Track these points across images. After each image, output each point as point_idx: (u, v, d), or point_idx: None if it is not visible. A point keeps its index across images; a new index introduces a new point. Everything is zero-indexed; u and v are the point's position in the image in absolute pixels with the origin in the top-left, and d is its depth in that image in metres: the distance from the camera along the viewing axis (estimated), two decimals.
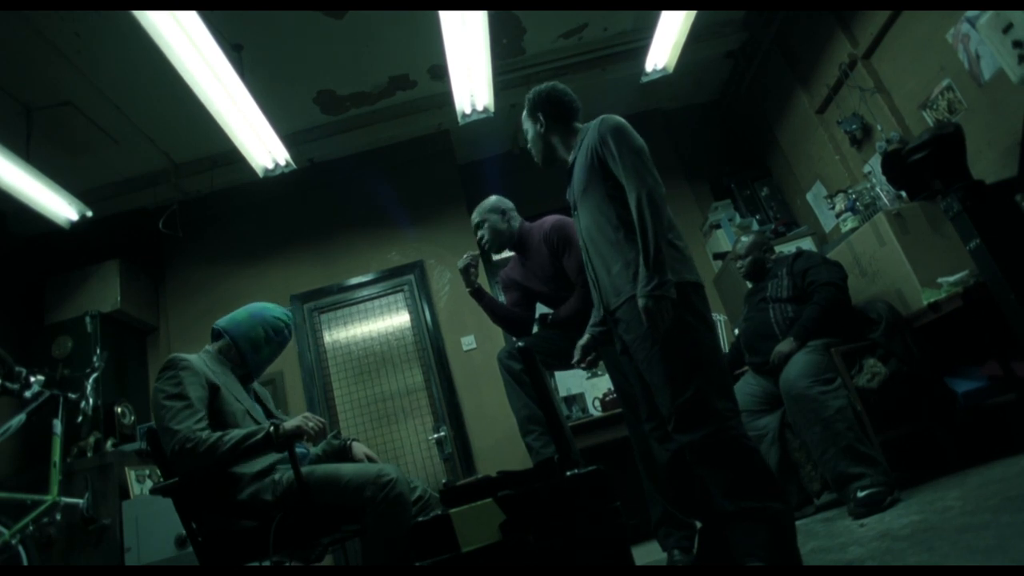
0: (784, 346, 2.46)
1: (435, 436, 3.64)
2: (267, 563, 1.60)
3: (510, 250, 2.59)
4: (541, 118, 1.88)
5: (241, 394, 1.83)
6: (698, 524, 2.10)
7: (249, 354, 1.90)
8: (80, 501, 2.86)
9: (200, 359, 1.80)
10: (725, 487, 1.49)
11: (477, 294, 2.47)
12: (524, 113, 1.94)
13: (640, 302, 1.51)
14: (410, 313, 3.98)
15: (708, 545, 1.72)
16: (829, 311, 2.47)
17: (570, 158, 1.83)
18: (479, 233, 2.52)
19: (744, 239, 2.93)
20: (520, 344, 1.90)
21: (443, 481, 3.47)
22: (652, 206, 1.54)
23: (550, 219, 2.46)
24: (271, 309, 1.97)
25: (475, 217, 2.53)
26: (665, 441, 1.75)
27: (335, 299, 3.99)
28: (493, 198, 2.55)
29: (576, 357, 1.91)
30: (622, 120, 1.69)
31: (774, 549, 1.42)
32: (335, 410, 3.75)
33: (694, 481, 1.68)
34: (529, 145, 1.97)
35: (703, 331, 1.59)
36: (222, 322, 1.93)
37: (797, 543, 1.46)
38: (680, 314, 1.53)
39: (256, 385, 2.00)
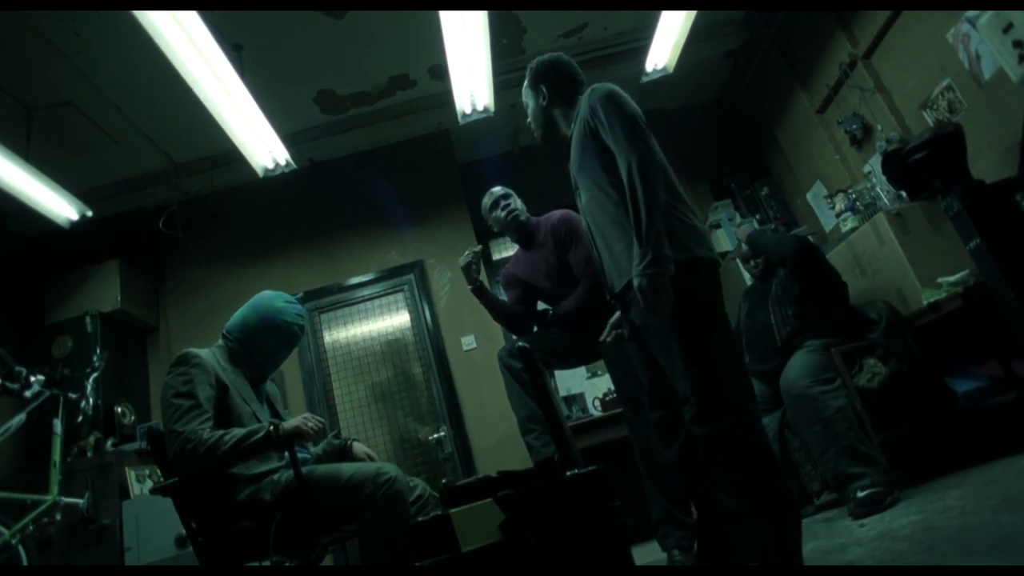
0: None
1: (435, 436, 3.64)
2: (267, 563, 1.60)
3: (515, 243, 2.57)
4: (544, 90, 1.79)
5: (250, 395, 1.82)
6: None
7: (264, 364, 1.90)
8: (80, 501, 2.86)
9: (212, 354, 1.79)
10: (733, 484, 1.44)
11: (479, 291, 2.46)
12: (525, 84, 1.84)
13: (635, 281, 1.40)
14: (410, 313, 3.98)
15: (707, 543, 1.71)
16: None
17: (570, 132, 1.75)
18: (506, 202, 2.49)
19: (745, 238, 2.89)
20: (520, 344, 1.90)
21: (443, 481, 3.47)
22: (643, 175, 1.42)
23: (557, 212, 2.45)
24: (283, 312, 1.90)
25: (498, 191, 2.53)
26: (672, 433, 1.69)
27: (335, 299, 3.99)
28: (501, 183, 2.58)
29: (605, 333, 1.86)
30: (613, 87, 1.58)
31: (775, 550, 1.39)
32: (335, 410, 3.75)
33: (700, 476, 1.64)
34: (529, 119, 1.88)
35: (719, 313, 1.51)
36: (233, 331, 1.89)
37: (800, 545, 1.44)
38: (695, 294, 1.44)
39: (268, 384, 1.99)
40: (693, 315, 1.44)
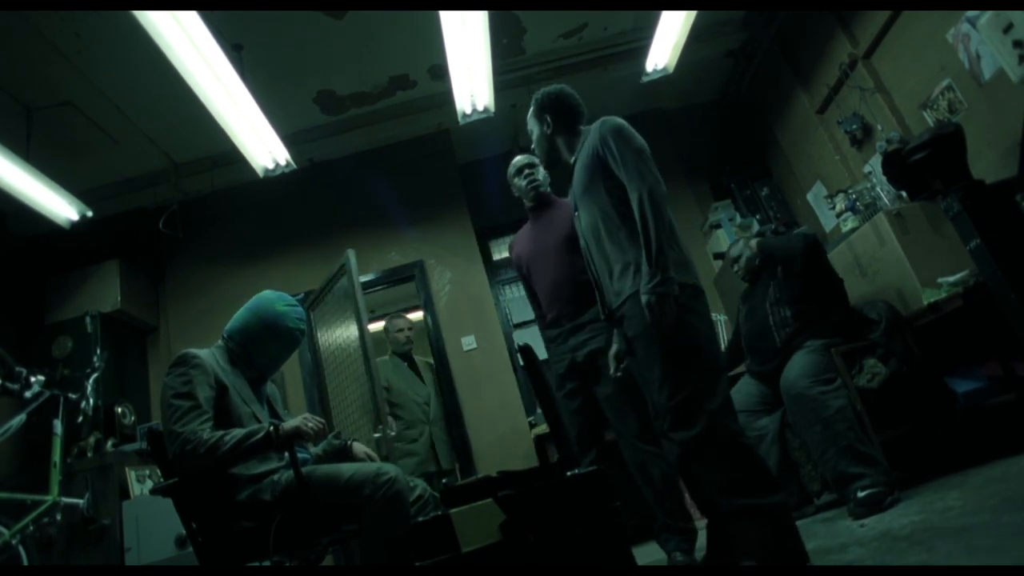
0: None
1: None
2: (267, 563, 1.60)
3: (528, 211, 2.49)
4: (548, 120, 1.90)
5: (249, 396, 1.81)
6: (698, 527, 2.11)
7: (265, 367, 1.90)
8: (80, 501, 2.86)
9: (212, 355, 1.79)
10: (720, 486, 1.50)
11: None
12: (530, 113, 1.96)
13: (643, 299, 1.53)
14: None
15: (716, 543, 1.72)
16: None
17: (572, 159, 1.86)
18: (530, 171, 2.45)
19: (740, 243, 2.92)
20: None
21: (443, 481, 3.48)
22: (654, 204, 1.56)
23: None
24: (285, 317, 1.89)
25: (522, 159, 2.49)
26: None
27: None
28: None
29: (612, 368, 1.93)
30: (623, 121, 1.72)
31: (769, 548, 1.42)
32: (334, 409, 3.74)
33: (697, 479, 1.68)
34: (533, 145, 1.99)
35: (702, 331, 1.61)
36: (235, 334, 1.88)
37: (797, 537, 1.46)
38: (680, 314, 1.55)
39: (268, 385, 1.98)
40: (674, 329, 1.54)
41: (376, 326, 6.02)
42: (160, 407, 1.69)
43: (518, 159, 2.54)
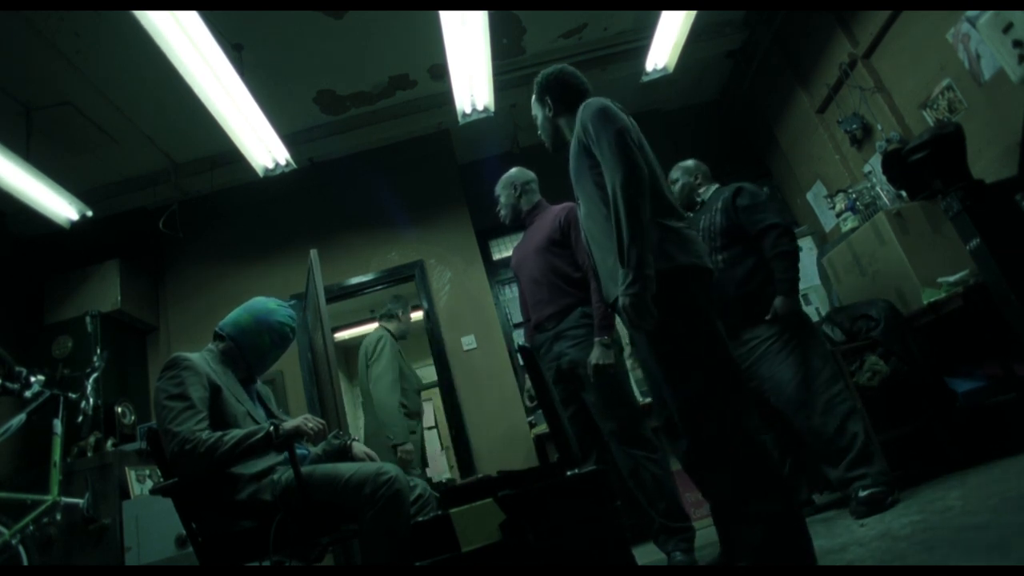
0: (784, 306, 2.25)
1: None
2: (267, 563, 1.60)
3: (523, 220, 2.57)
4: (549, 102, 1.84)
5: (242, 395, 1.82)
6: (695, 527, 2.11)
7: (255, 363, 1.91)
8: (80, 501, 2.86)
9: (202, 358, 1.80)
10: (724, 489, 1.47)
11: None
12: (533, 97, 1.90)
13: (619, 300, 1.45)
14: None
15: (730, 545, 1.71)
16: (796, 257, 2.31)
17: None
18: (499, 203, 2.59)
19: (681, 163, 2.76)
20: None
21: (444, 480, 3.48)
22: (626, 196, 1.45)
23: (568, 204, 2.40)
24: (275, 312, 1.93)
25: (499, 185, 2.60)
26: (676, 431, 1.72)
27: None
28: (513, 171, 2.59)
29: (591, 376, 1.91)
30: (603, 104, 1.61)
31: (769, 552, 1.38)
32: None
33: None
34: (539, 131, 1.93)
35: (701, 321, 1.50)
36: (226, 327, 1.90)
37: (806, 542, 1.41)
38: (674, 306, 1.45)
39: (259, 385, 1.99)
40: (671, 327, 1.45)
41: (374, 326, 6.07)
42: (154, 411, 1.70)
43: (498, 182, 2.61)
